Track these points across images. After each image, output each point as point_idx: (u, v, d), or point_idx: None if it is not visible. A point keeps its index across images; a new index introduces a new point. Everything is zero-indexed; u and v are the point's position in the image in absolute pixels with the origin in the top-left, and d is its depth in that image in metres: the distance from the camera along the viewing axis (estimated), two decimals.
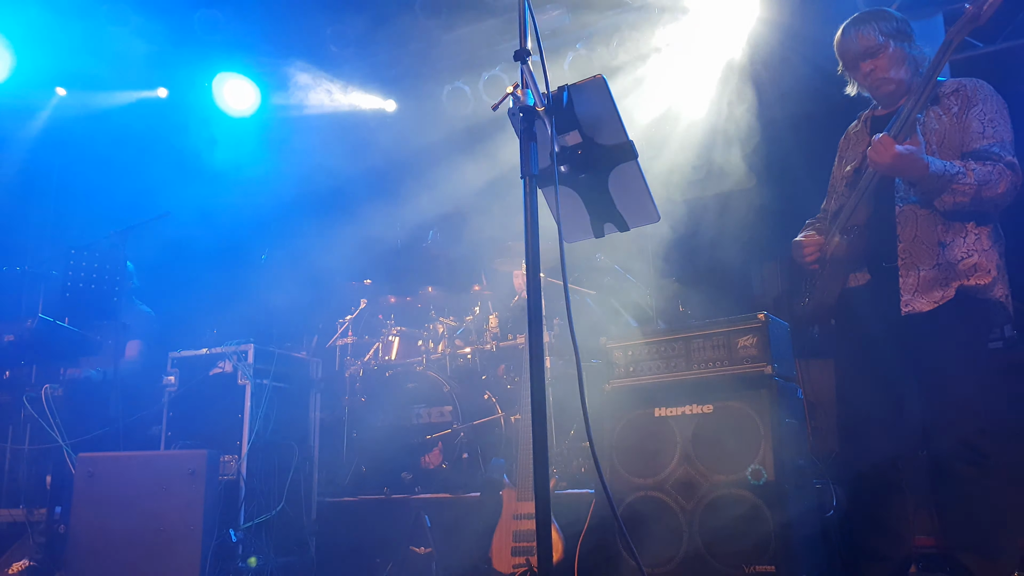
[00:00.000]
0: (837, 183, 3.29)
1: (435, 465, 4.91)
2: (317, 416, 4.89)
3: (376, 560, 4.44)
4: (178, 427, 4.48)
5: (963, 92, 2.94)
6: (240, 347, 4.44)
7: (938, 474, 2.84)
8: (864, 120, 3.25)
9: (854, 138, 3.24)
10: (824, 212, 3.41)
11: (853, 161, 3.14)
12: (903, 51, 3.01)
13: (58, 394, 4.48)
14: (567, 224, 2.14)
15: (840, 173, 3.28)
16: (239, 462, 4.20)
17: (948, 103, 2.95)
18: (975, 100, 2.91)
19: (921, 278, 2.84)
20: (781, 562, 3.15)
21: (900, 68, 3.02)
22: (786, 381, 3.51)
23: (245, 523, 4.10)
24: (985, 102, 2.90)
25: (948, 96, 2.97)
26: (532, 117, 1.86)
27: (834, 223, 3.13)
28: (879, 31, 3.01)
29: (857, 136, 3.23)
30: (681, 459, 3.48)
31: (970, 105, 2.90)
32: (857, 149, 3.16)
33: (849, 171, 3.12)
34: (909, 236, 2.89)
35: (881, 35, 3.00)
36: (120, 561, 3.75)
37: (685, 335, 3.68)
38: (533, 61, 1.92)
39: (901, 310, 2.84)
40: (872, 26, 3.02)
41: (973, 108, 2.89)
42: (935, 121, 2.94)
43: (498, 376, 5.39)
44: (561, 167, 2.04)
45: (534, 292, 1.79)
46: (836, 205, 3.18)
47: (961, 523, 2.79)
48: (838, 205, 3.15)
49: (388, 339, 5.86)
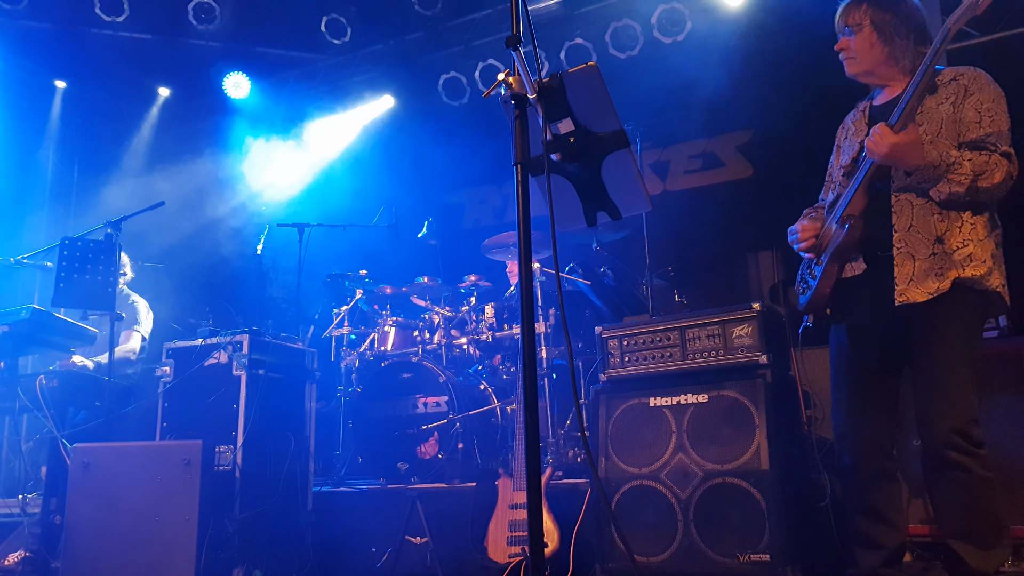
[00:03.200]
0: (835, 173, 3.28)
1: (431, 455, 4.92)
2: (313, 406, 4.88)
3: (372, 550, 4.44)
4: (173, 417, 4.47)
5: (960, 81, 2.93)
6: (235, 337, 4.43)
7: (931, 463, 2.85)
8: (863, 110, 3.23)
9: (853, 128, 3.23)
10: (822, 202, 3.41)
11: (852, 151, 3.13)
12: (879, 39, 2.98)
13: (53, 385, 4.47)
14: (560, 212, 2.13)
15: (838, 163, 3.27)
16: (234, 452, 4.19)
17: (945, 92, 2.94)
18: (972, 89, 2.89)
19: (917, 267, 2.84)
20: (775, 551, 3.16)
21: (870, 54, 3.00)
22: (781, 370, 3.52)
23: (241, 513, 4.10)
24: (982, 91, 2.88)
25: (946, 85, 2.95)
26: (524, 105, 1.85)
27: (830, 213, 3.13)
28: (865, 13, 2.98)
29: (855, 126, 3.22)
30: (676, 448, 3.49)
31: (967, 94, 2.89)
32: (855, 139, 3.15)
33: (848, 161, 3.12)
34: (904, 225, 2.89)
35: (865, 17, 2.98)
36: (116, 551, 3.76)
37: (680, 325, 3.68)
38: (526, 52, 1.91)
39: (896, 300, 2.84)
40: (863, 6, 2.99)
41: (970, 97, 2.88)
42: (932, 110, 2.93)
43: (494, 366, 5.40)
44: (553, 155, 2.03)
45: (527, 281, 1.79)
46: (833, 195, 3.18)
47: (954, 512, 2.79)
48: (835, 195, 3.15)
49: (384, 329, 5.86)
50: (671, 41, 6.57)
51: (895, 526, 2.99)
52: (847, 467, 3.04)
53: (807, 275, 3.16)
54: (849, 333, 3.05)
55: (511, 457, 4.13)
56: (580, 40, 6.81)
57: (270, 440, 4.39)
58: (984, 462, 2.76)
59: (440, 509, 4.39)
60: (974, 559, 2.74)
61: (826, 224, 3.11)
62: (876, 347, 3.00)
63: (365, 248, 7.54)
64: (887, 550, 2.96)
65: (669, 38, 6.56)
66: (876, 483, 2.99)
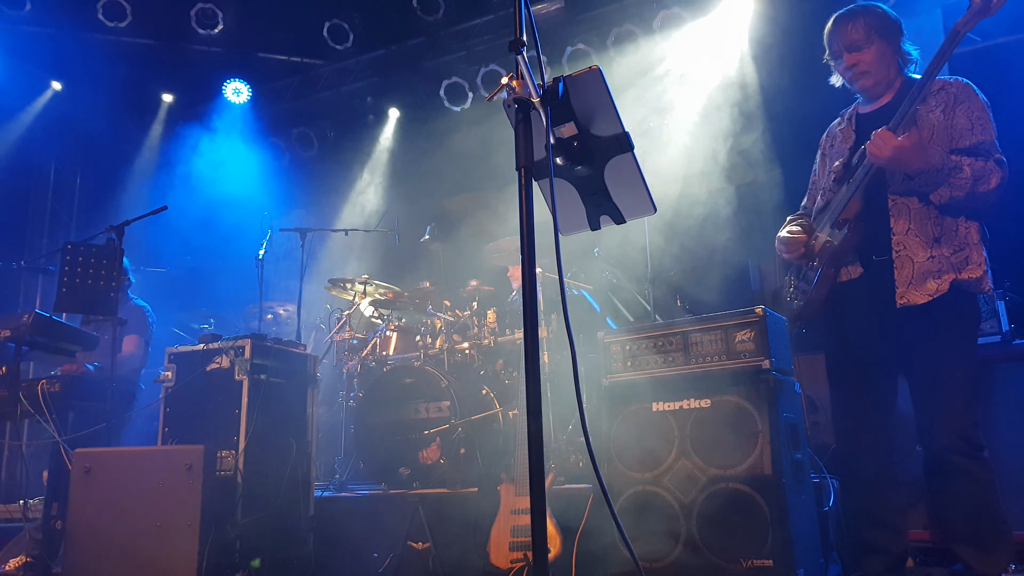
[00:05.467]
0: (821, 180, 3.31)
1: (433, 460, 4.91)
2: (315, 411, 4.87)
3: (374, 555, 4.43)
4: (175, 422, 4.46)
5: (949, 90, 2.98)
6: (237, 342, 4.42)
7: (933, 467, 2.85)
8: (848, 117, 3.27)
9: (840, 135, 3.26)
10: (805, 209, 3.43)
11: (839, 158, 3.16)
12: (887, 48, 3.04)
13: (55, 390, 4.46)
14: (563, 217, 2.13)
15: (824, 170, 3.30)
16: (236, 457, 4.18)
17: (935, 100, 2.98)
18: (961, 98, 2.95)
19: (916, 270, 2.86)
20: (778, 556, 3.15)
21: (881, 64, 3.05)
22: (784, 375, 3.51)
23: (242, 519, 4.09)
24: (971, 100, 2.94)
25: (935, 94, 3.00)
26: (527, 108, 1.85)
27: (821, 218, 3.14)
28: (867, 25, 3.03)
29: (842, 133, 3.25)
30: (679, 454, 3.47)
31: (956, 103, 2.94)
32: (843, 146, 3.18)
33: (838, 166, 3.13)
34: (903, 229, 2.91)
35: (868, 30, 3.02)
36: (117, 557, 3.75)
37: (683, 329, 3.67)
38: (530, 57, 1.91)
39: (896, 302, 2.85)
40: (861, 20, 3.04)
41: (960, 105, 2.93)
42: (923, 116, 2.96)
43: (496, 371, 5.39)
44: (557, 159, 2.03)
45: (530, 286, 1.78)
46: (823, 201, 3.20)
47: (957, 516, 2.79)
48: (824, 201, 3.17)
49: (386, 334, 5.86)
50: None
51: (898, 531, 2.99)
52: (851, 473, 3.04)
53: (800, 282, 3.15)
54: (847, 338, 3.05)
55: (513, 462, 4.12)
56: (582, 45, 6.82)
57: (272, 445, 4.38)
58: (986, 464, 2.77)
59: (442, 514, 4.38)
60: (979, 562, 2.74)
61: (817, 230, 3.12)
62: (873, 351, 3.00)
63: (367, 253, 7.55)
64: (890, 555, 2.96)
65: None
66: (879, 488, 2.99)
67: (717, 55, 6.71)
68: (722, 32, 6.67)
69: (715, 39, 6.69)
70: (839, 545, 3.74)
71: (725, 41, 6.66)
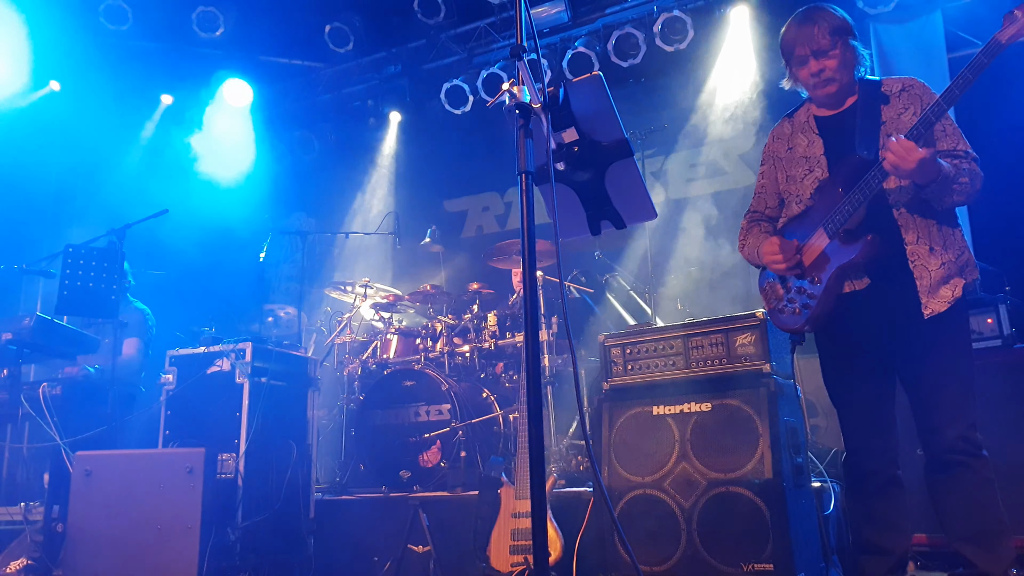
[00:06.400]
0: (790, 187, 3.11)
1: (433, 463, 4.91)
2: (315, 414, 4.88)
3: (374, 559, 4.43)
4: (176, 425, 4.47)
5: (913, 91, 2.92)
6: (238, 345, 4.43)
7: (936, 469, 2.84)
8: (804, 122, 3.14)
9: (803, 140, 3.12)
10: (758, 213, 3.33)
11: (805, 165, 3.05)
12: (850, 51, 2.96)
13: (56, 392, 4.47)
14: (564, 221, 2.13)
15: (782, 176, 3.17)
16: (237, 460, 4.19)
17: (900, 102, 2.91)
18: (926, 100, 2.88)
19: (933, 279, 2.83)
20: (779, 561, 3.15)
21: (845, 70, 2.96)
22: (784, 379, 3.51)
23: (243, 521, 4.09)
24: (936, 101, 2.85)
25: (897, 95, 2.92)
26: (528, 114, 1.85)
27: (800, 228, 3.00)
28: (832, 29, 2.92)
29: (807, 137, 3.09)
30: (679, 457, 3.47)
31: (923, 105, 2.87)
32: (811, 151, 3.07)
33: (820, 174, 3.02)
34: (913, 238, 2.87)
35: (832, 34, 2.92)
36: (118, 560, 3.75)
37: (683, 333, 3.67)
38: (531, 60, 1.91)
39: (923, 314, 2.81)
40: (825, 24, 2.93)
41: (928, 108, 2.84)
42: (894, 120, 2.89)
43: (496, 374, 5.39)
44: (558, 164, 2.03)
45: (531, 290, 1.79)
46: (798, 209, 3.07)
47: (959, 516, 2.79)
48: (802, 209, 3.05)
49: (386, 337, 5.86)
50: (673, 50, 6.60)
51: (902, 532, 2.99)
52: (859, 477, 3.02)
53: (792, 294, 3.05)
54: (849, 347, 3.02)
55: (513, 465, 4.12)
56: (583, 49, 6.83)
57: (272, 448, 4.38)
58: (986, 464, 2.78)
59: (442, 518, 4.38)
60: (982, 561, 2.74)
61: (807, 240, 3.01)
62: (875, 358, 2.98)
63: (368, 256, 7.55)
64: (893, 556, 2.95)
65: (671, 47, 6.58)
66: (886, 491, 2.98)
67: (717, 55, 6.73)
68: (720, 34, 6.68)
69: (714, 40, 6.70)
70: (839, 549, 3.74)
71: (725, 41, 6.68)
